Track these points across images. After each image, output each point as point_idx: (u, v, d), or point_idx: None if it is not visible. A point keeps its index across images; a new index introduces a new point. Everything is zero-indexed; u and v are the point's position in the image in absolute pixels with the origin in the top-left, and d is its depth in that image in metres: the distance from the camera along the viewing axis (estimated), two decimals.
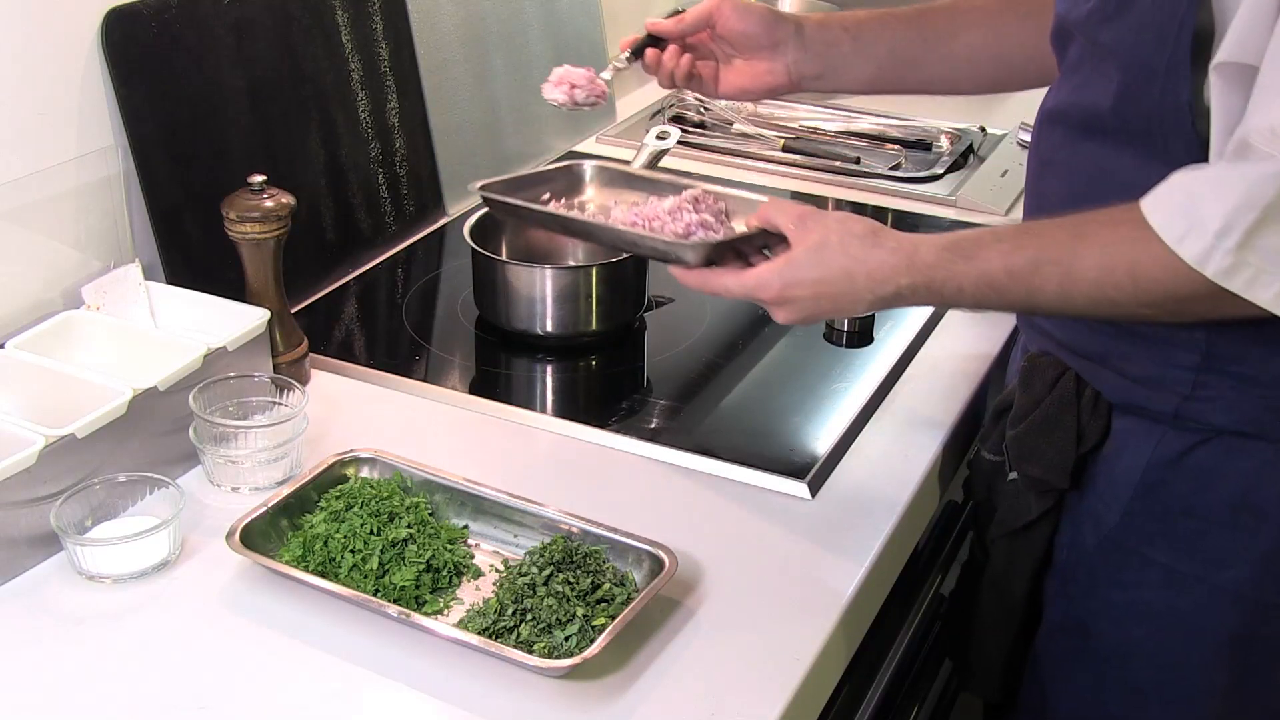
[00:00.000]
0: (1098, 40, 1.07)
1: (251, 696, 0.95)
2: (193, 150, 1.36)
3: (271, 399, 1.22)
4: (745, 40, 1.32)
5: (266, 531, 1.07)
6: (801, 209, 1.10)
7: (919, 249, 1.06)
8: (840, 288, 1.06)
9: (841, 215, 1.10)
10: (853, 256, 1.06)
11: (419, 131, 1.65)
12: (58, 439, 1.06)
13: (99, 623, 1.02)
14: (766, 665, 0.99)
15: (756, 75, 1.34)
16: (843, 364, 1.40)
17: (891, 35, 1.34)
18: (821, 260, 1.06)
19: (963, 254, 1.05)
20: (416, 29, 1.64)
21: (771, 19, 1.32)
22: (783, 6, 2.30)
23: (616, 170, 1.32)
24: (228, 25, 1.39)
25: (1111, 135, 1.08)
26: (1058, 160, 1.15)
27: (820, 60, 1.33)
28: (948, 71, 1.35)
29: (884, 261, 1.06)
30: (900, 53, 1.34)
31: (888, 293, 1.06)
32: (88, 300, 1.24)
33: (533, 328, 1.40)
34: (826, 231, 1.07)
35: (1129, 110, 1.06)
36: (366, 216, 1.58)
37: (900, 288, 1.06)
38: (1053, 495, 1.18)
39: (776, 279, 1.07)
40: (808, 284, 1.06)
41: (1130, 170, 1.07)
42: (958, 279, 1.04)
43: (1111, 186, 1.08)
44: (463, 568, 1.07)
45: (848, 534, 1.14)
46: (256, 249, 1.25)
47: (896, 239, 1.07)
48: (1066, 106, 1.13)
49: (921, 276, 1.05)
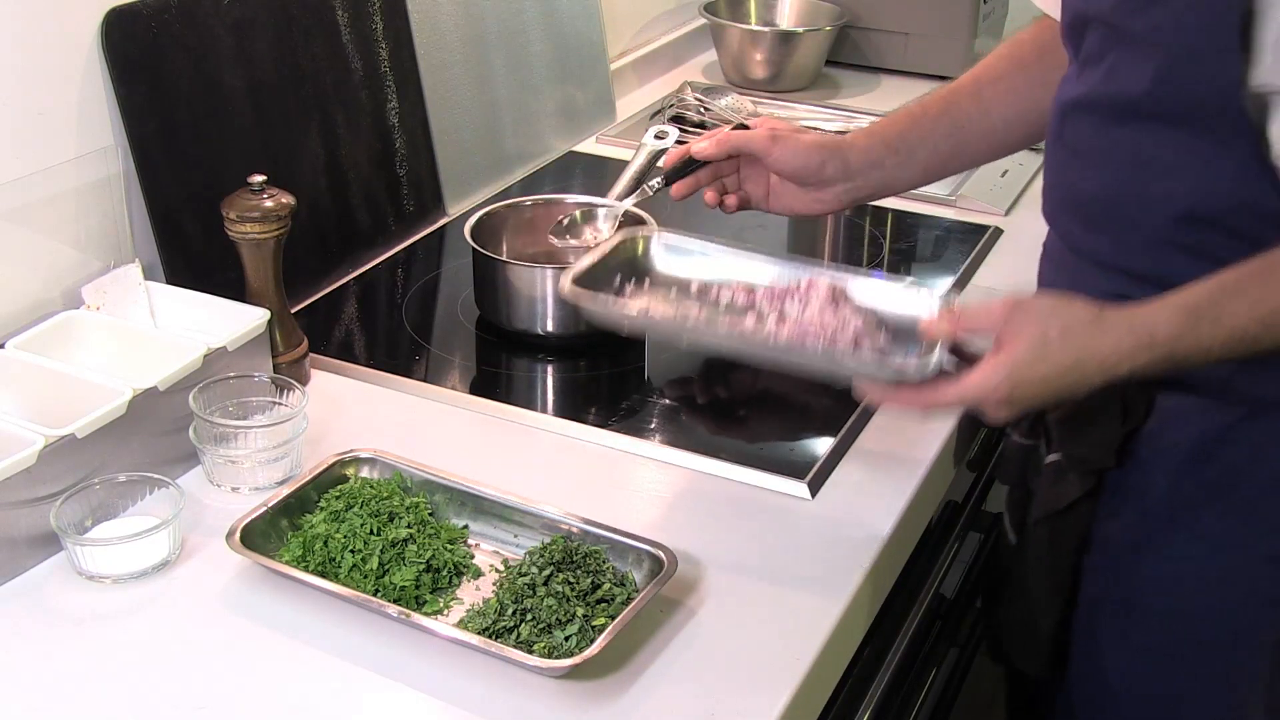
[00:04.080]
0: (1128, 28, 1.07)
1: (251, 696, 0.95)
2: (193, 150, 1.36)
3: (271, 399, 1.22)
4: (796, 177, 1.33)
5: (266, 531, 1.07)
6: (1003, 304, 1.06)
7: (1157, 324, 1.02)
8: (1070, 379, 1.03)
9: (1053, 302, 1.06)
10: (1081, 346, 1.02)
11: (419, 131, 1.65)
12: (58, 439, 1.06)
13: (99, 623, 1.02)
14: (766, 665, 0.99)
15: (806, 203, 1.35)
16: None
17: (930, 135, 1.34)
18: (1046, 355, 1.02)
19: (1208, 318, 1.02)
20: (416, 29, 1.64)
21: (819, 159, 1.32)
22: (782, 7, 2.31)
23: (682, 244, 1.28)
24: (228, 25, 1.39)
25: (1148, 121, 1.08)
26: (1090, 150, 1.15)
27: (868, 185, 1.35)
28: (991, 146, 1.37)
29: (1118, 345, 1.02)
30: (941, 150, 1.35)
31: (1127, 371, 1.03)
32: (88, 300, 1.24)
33: (533, 328, 1.40)
34: (1044, 325, 1.03)
35: (1168, 95, 1.05)
36: (366, 216, 1.58)
37: (1143, 365, 1.02)
38: (1095, 475, 1.19)
39: (1004, 382, 1.03)
40: (1035, 381, 1.02)
41: (1172, 154, 1.07)
42: (1205, 344, 1.02)
43: (1154, 171, 1.08)
44: (463, 568, 1.07)
45: (848, 534, 1.14)
46: (256, 249, 1.25)
47: (1128, 319, 1.03)
48: (1096, 96, 1.13)
49: (1163, 350, 1.02)
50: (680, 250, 1.29)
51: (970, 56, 2.21)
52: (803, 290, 1.21)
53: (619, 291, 1.25)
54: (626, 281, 1.26)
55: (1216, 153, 1.04)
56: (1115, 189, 1.13)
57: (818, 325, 1.15)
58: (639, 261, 1.28)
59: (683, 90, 2.07)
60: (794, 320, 1.17)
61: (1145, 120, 1.08)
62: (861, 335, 1.14)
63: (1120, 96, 1.10)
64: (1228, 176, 1.05)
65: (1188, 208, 1.08)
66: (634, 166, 1.53)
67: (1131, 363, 1.03)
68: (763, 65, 2.16)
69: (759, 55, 2.15)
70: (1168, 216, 1.09)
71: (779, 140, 1.32)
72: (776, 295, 1.22)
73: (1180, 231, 1.09)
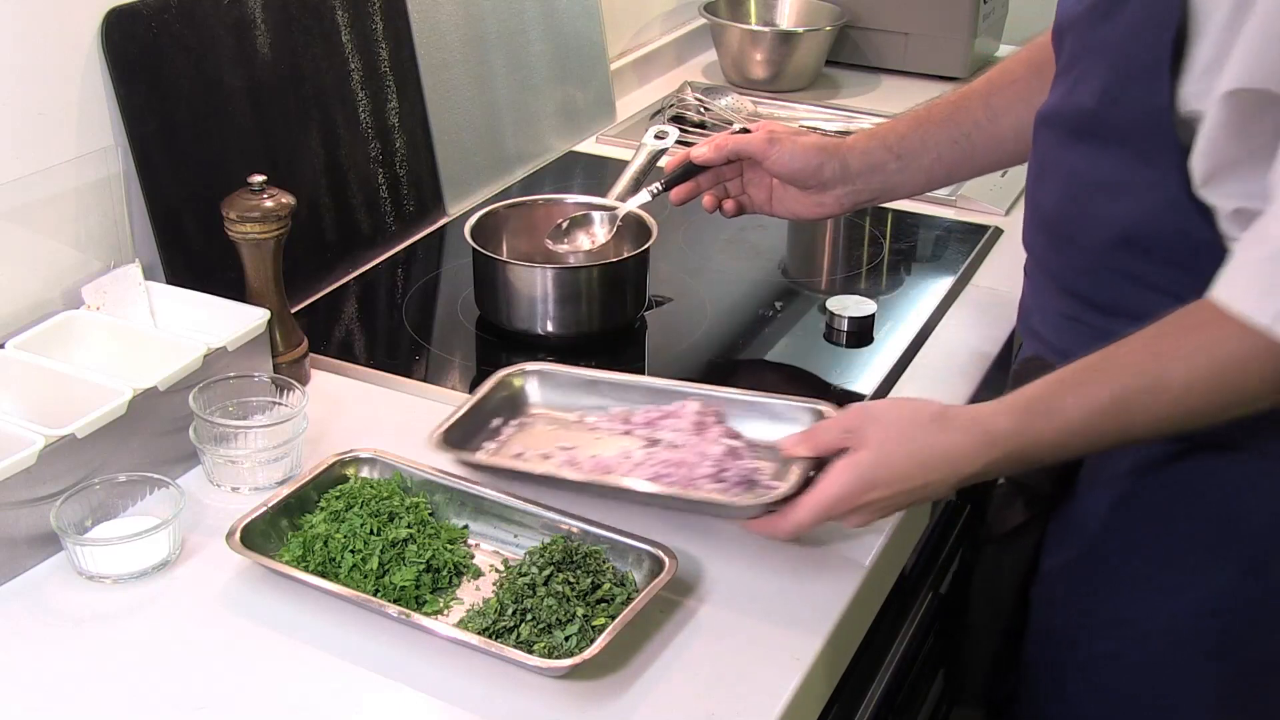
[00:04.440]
0: (1088, 40, 1.06)
1: (251, 696, 0.95)
2: (193, 150, 1.36)
3: (271, 399, 1.22)
4: (794, 179, 1.33)
5: (266, 531, 1.07)
6: (844, 418, 1.05)
7: (995, 420, 1.00)
8: (918, 480, 1.01)
9: (897, 405, 1.06)
10: (922, 445, 1.01)
11: (419, 131, 1.65)
12: (58, 439, 1.06)
13: (99, 623, 1.02)
14: (766, 665, 0.99)
15: (808, 206, 1.35)
16: (843, 364, 1.40)
17: (935, 141, 1.32)
18: (888, 460, 1.01)
19: (1042, 413, 0.99)
20: (416, 29, 1.64)
21: (818, 161, 1.31)
22: (782, 7, 2.31)
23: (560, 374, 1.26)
24: (228, 25, 1.39)
25: (1099, 138, 1.06)
26: (1050, 164, 1.14)
27: (869, 189, 1.34)
28: (1000, 154, 1.34)
29: (957, 443, 1.00)
30: (946, 156, 1.33)
31: (974, 470, 1.01)
32: (88, 300, 1.24)
33: (533, 328, 1.40)
34: (885, 430, 1.02)
35: (1112, 113, 1.04)
36: (366, 216, 1.58)
37: (987, 464, 1.00)
38: (1040, 503, 1.18)
39: (853, 486, 1.01)
40: (882, 484, 1.01)
41: (1116, 176, 1.05)
42: (1044, 439, 0.99)
43: (1102, 192, 1.06)
44: (463, 568, 1.07)
45: (848, 534, 1.13)
46: (256, 249, 1.25)
47: (968, 416, 1.02)
48: (1058, 110, 1.12)
49: (1003, 449, 1.00)
50: (558, 383, 1.25)
51: (970, 56, 2.22)
52: (676, 415, 1.19)
53: (496, 434, 1.21)
54: (506, 422, 1.22)
55: (1153, 177, 1.02)
56: (1065, 207, 1.10)
57: (682, 455, 1.12)
58: (518, 399, 1.25)
59: (683, 90, 2.07)
60: (666, 444, 1.15)
61: (1094, 138, 1.06)
62: (725, 460, 1.11)
63: (1076, 111, 1.08)
64: (1163, 202, 1.02)
65: (1124, 231, 1.06)
66: (634, 166, 1.53)
67: (976, 461, 1.00)
68: (763, 65, 2.16)
69: (759, 55, 2.15)
70: (1107, 239, 1.07)
71: (776, 143, 1.31)
72: (651, 422, 1.19)
73: (1119, 256, 1.07)
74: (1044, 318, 1.19)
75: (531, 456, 1.17)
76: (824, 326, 1.45)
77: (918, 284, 1.57)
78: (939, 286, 1.55)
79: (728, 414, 1.19)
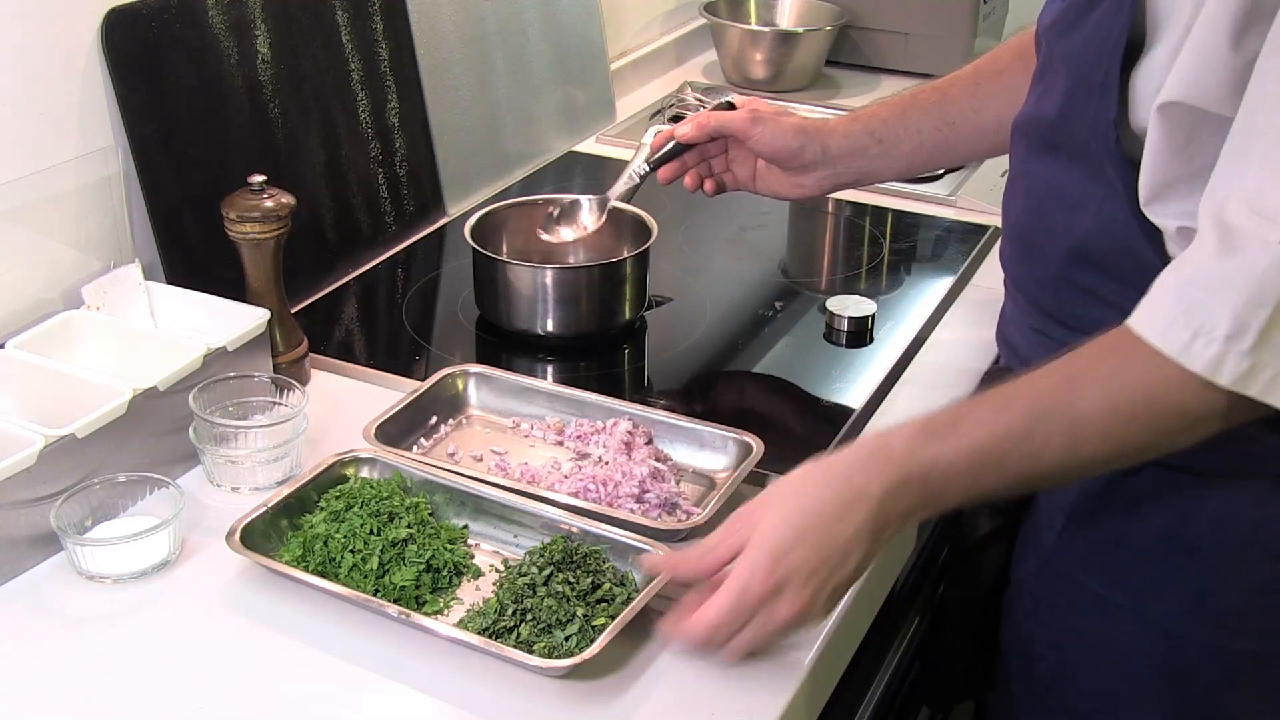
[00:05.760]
0: (1056, 49, 1.05)
1: (251, 696, 0.95)
2: (193, 150, 1.36)
3: (271, 399, 1.22)
4: (775, 159, 1.33)
5: (266, 531, 1.07)
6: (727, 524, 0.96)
7: (894, 435, 0.94)
8: (829, 517, 0.92)
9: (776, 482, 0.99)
10: (809, 493, 0.93)
11: (419, 131, 1.65)
12: (58, 439, 1.06)
13: (99, 623, 1.02)
14: (766, 665, 0.99)
15: (789, 186, 1.35)
16: (842, 364, 1.40)
17: (918, 127, 1.31)
18: (786, 519, 0.92)
19: (936, 435, 0.92)
20: (416, 29, 1.64)
21: (798, 143, 1.30)
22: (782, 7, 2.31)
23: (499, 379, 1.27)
24: (228, 25, 1.39)
25: (1061, 151, 1.05)
26: (1019, 174, 1.13)
27: (849, 172, 1.33)
28: (982, 144, 1.33)
29: (855, 458, 0.93)
30: (929, 142, 1.32)
31: (873, 507, 0.91)
32: (88, 300, 1.24)
33: (533, 328, 1.40)
34: (770, 495, 0.95)
35: (1068, 126, 1.03)
36: (366, 216, 1.58)
37: (884, 494, 0.91)
38: (1002, 515, 1.18)
39: (760, 563, 0.91)
40: (791, 544, 0.91)
41: (1072, 190, 1.04)
42: (941, 463, 0.92)
43: (1062, 205, 1.05)
44: (463, 568, 1.07)
45: None
46: (256, 249, 1.25)
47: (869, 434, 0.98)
48: (1030, 117, 1.11)
49: (900, 468, 0.92)
50: (497, 388, 1.27)
51: (970, 57, 2.20)
52: (607, 432, 1.20)
53: (433, 431, 1.23)
54: (444, 421, 1.24)
55: (1104, 192, 1.01)
56: (1030, 219, 1.10)
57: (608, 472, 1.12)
58: (459, 399, 1.26)
59: (683, 90, 2.07)
60: (595, 460, 1.17)
61: (1057, 151, 1.06)
62: (649, 482, 1.11)
63: (1041, 122, 1.07)
64: (1114, 218, 1.01)
65: (1080, 245, 1.04)
66: (634, 166, 1.53)
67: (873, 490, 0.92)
68: (763, 65, 2.16)
69: (759, 55, 2.15)
70: (1064, 253, 1.06)
71: (759, 121, 1.31)
72: (583, 435, 1.21)
73: (1076, 270, 1.06)
74: (1017, 329, 1.19)
75: (463, 457, 1.20)
76: (824, 326, 1.45)
77: (917, 284, 1.57)
78: (939, 287, 1.55)
79: (657, 436, 1.20)
